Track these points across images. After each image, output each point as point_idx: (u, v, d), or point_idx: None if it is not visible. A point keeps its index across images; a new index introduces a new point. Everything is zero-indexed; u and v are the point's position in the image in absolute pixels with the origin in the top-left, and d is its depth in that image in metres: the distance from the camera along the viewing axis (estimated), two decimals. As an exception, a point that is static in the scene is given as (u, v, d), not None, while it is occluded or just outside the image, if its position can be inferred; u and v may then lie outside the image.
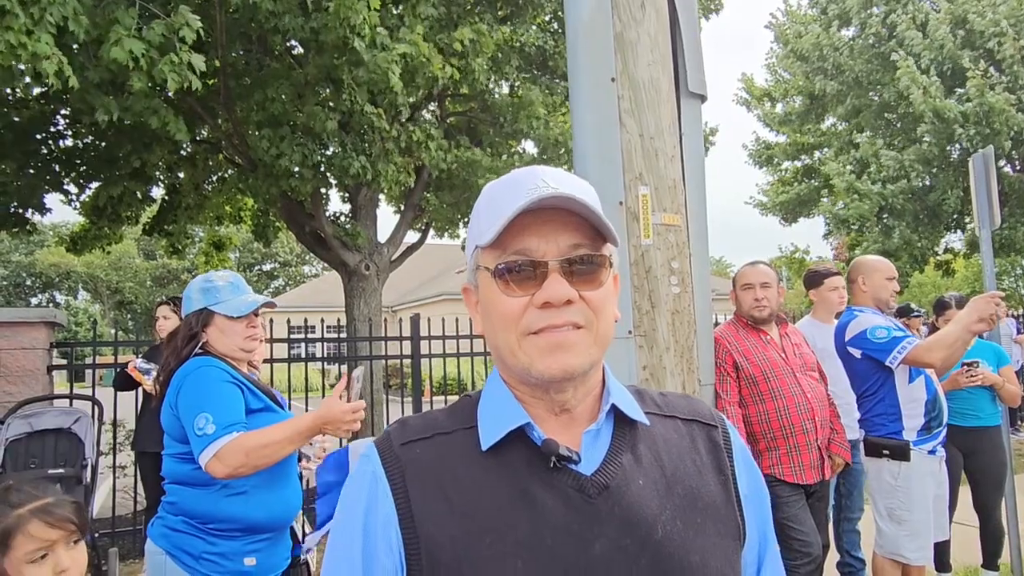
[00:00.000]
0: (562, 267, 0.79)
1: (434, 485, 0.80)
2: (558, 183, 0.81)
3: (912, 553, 3.09)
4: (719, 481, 0.87)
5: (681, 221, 2.99)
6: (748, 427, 3.14)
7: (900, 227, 13.13)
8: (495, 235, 0.78)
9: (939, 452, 3.19)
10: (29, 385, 4.50)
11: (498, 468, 0.80)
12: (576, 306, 0.79)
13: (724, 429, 0.93)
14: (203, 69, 4.34)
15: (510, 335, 0.81)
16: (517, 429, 0.81)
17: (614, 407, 0.85)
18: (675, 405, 0.93)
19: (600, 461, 0.82)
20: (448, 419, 0.87)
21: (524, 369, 0.80)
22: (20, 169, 7.07)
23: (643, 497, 0.80)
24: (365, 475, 0.83)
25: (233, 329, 2.09)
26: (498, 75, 7.55)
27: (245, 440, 1.85)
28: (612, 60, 2.90)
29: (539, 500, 0.78)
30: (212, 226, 10.02)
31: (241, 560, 1.95)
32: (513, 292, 0.80)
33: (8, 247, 43.24)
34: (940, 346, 3.00)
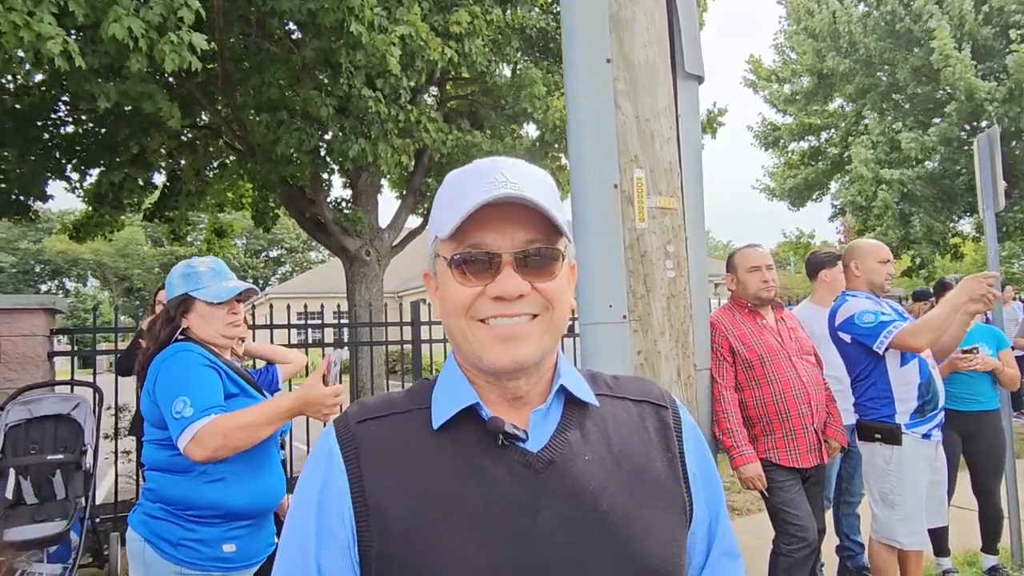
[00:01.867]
0: (515, 260, 0.82)
1: (387, 460, 0.83)
2: (517, 178, 0.83)
3: (905, 538, 3.07)
4: (666, 459, 0.90)
5: (677, 204, 2.95)
6: (744, 411, 3.12)
7: (919, 214, 12.99)
8: (452, 229, 0.81)
9: (934, 436, 3.16)
10: (29, 372, 4.52)
11: (449, 445, 0.84)
12: (529, 298, 0.82)
13: (675, 411, 0.96)
14: (204, 48, 4.30)
15: (461, 320, 0.84)
16: (469, 409, 0.85)
17: (564, 389, 0.88)
18: (627, 387, 0.96)
19: (547, 438, 0.85)
20: (404, 400, 0.90)
21: (476, 356, 0.83)
22: (21, 156, 7.08)
23: (589, 471, 0.84)
24: (322, 451, 0.86)
25: (214, 315, 2.07)
26: (499, 57, 7.48)
27: (222, 422, 1.83)
28: (607, 41, 2.85)
29: (488, 474, 0.81)
30: (214, 212, 10.02)
31: (220, 547, 1.94)
32: (468, 282, 0.83)
33: (17, 235, 43.47)
34: (927, 329, 2.97)
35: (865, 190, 13.09)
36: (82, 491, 4.00)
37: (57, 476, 3.95)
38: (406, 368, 6.35)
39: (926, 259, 13.39)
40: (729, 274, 3.35)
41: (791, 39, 16.14)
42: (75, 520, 3.83)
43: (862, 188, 13.18)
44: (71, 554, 3.85)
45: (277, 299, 27.96)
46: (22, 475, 3.86)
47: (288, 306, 6.45)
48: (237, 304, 2.15)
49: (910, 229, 13.00)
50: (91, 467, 4.14)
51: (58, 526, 3.74)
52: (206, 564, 1.92)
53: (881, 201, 12.71)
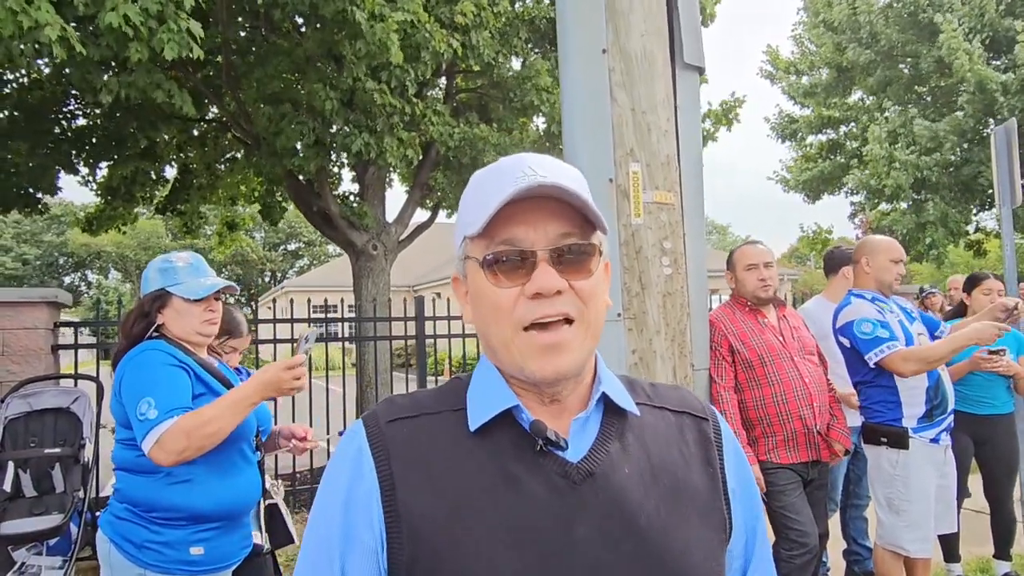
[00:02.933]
0: (551, 257, 0.79)
1: (419, 463, 0.80)
2: (546, 171, 0.80)
3: (911, 544, 2.97)
4: (707, 473, 0.87)
5: (674, 199, 2.87)
6: (744, 413, 3.04)
7: (935, 200, 12.73)
8: (483, 225, 0.78)
9: (943, 440, 3.06)
10: (32, 365, 4.54)
11: (484, 450, 0.81)
12: (566, 296, 0.79)
13: (716, 423, 0.93)
14: (202, 35, 4.27)
15: (504, 328, 0.80)
16: (505, 413, 0.82)
17: (604, 396, 0.85)
18: (665, 396, 0.93)
19: (587, 449, 0.82)
20: (435, 400, 0.87)
21: (516, 366, 0.80)
22: (32, 150, 7.13)
23: (628, 485, 0.81)
24: (350, 450, 0.83)
25: (190, 312, 2.02)
26: (506, 49, 7.39)
27: (185, 422, 1.78)
28: (603, 30, 2.78)
29: (523, 483, 0.78)
30: (226, 206, 10.05)
31: (187, 549, 1.89)
32: (502, 283, 0.79)
33: (40, 227, 44.21)
34: (921, 362, 2.92)
35: (878, 171, 12.81)
36: (80, 484, 4.00)
37: (56, 469, 3.96)
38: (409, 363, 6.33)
39: (937, 242, 13.07)
40: (728, 272, 3.27)
41: (809, 32, 15.86)
42: (73, 513, 3.84)
43: (875, 169, 12.90)
44: (70, 547, 3.86)
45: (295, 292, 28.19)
46: (21, 468, 3.87)
47: (309, 300, 6.44)
48: (215, 302, 2.10)
49: (923, 214, 12.74)
50: (89, 461, 4.15)
51: (56, 519, 3.75)
52: (171, 567, 1.88)
53: (893, 180, 12.44)
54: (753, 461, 2.95)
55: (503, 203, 0.76)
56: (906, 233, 12.95)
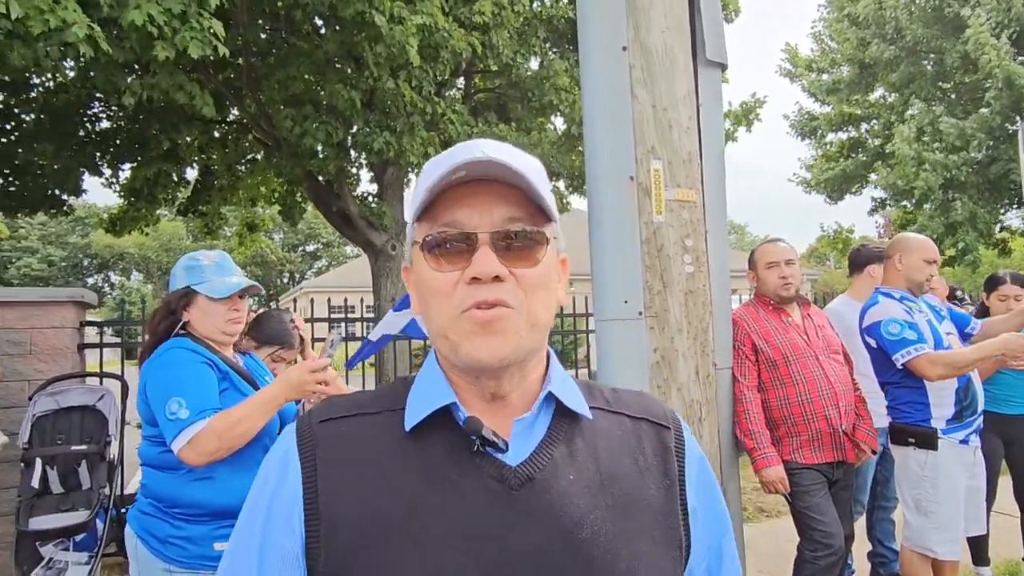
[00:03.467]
0: (493, 240, 0.73)
1: (347, 465, 0.75)
2: (498, 152, 0.74)
3: (940, 547, 2.92)
4: (663, 485, 0.80)
5: (696, 197, 2.85)
6: (768, 412, 3.00)
7: (963, 199, 12.50)
8: (423, 205, 0.74)
9: (972, 442, 3.00)
10: (59, 363, 4.60)
11: (418, 451, 0.75)
12: (507, 284, 0.73)
13: (678, 432, 0.86)
14: (224, 35, 4.32)
15: (443, 314, 0.75)
16: (444, 413, 0.76)
17: (553, 397, 0.79)
18: (625, 402, 0.86)
19: (529, 452, 0.76)
20: (377, 399, 0.82)
21: (453, 350, 0.74)
22: (57, 152, 7.25)
23: (571, 493, 0.74)
24: (279, 451, 0.79)
25: (215, 310, 2.02)
26: (525, 49, 7.39)
27: (217, 423, 1.79)
28: (623, 27, 2.76)
29: (457, 487, 0.73)
30: (246, 207, 10.16)
31: (210, 545, 1.90)
32: (442, 267, 0.75)
33: (66, 229, 44.98)
34: (948, 366, 2.86)
35: (906, 173, 12.59)
36: (106, 481, 4.06)
37: (82, 466, 4.02)
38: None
39: (970, 246, 12.82)
40: (750, 271, 3.23)
41: (831, 27, 15.67)
42: (99, 510, 3.90)
43: (903, 171, 12.68)
44: (96, 543, 3.92)
45: (314, 292, 28.41)
46: (48, 465, 3.93)
47: (329, 300, 6.48)
48: (240, 300, 2.10)
49: (953, 214, 12.51)
50: (115, 458, 4.21)
51: (82, 515, 3.81)
52: (194, 562, 1.89)
53: (923, 182, 12.22)
54: (778, 461, 2.91)
55: (442, 179, 0.72)
56: (936, 236, 12.73)
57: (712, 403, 2.79)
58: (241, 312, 2.10)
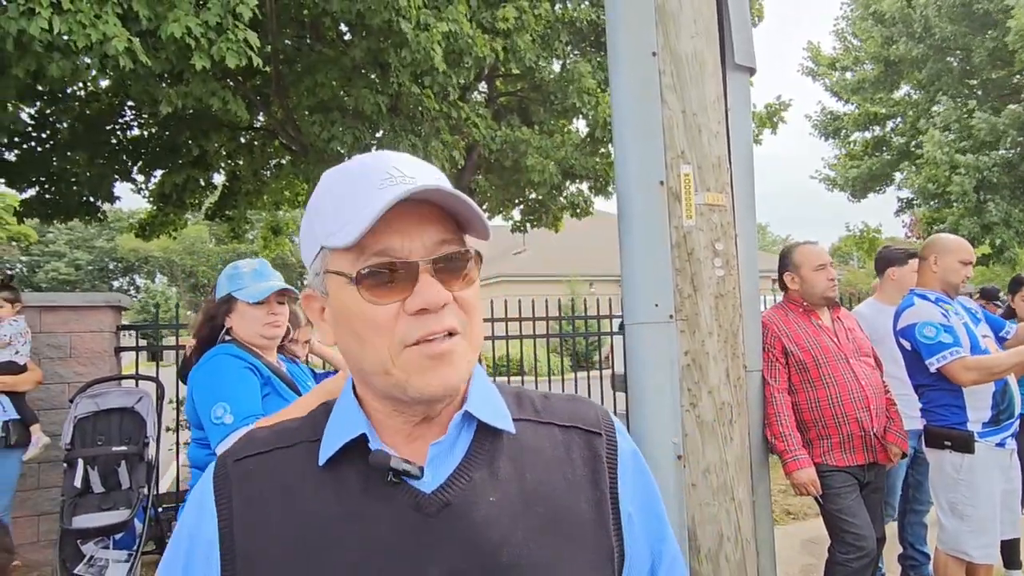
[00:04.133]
0: (433, 267, 0.71)
1: (259, 503, 0.74)
2: (414, 172, 0.73)
3: (976, 551, 2.90)
4: (593, 498, 0.78)
5: (726, 201, 2.86)
6: (798, 415, 3.01)
7: (996, 200, 12.32)
8: (358, 236, 0.68)
9: (1009, 445, 2.98)
10: (97, 366, 4.74)
11: (332, 484, 0.74)
12: (450, 308, 0.72)
13: (610, 437, 0.83)
14: (258, 45, 4.42)
15: (381, 350, 0.71)
16: (360, 443, 0.74)
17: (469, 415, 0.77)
18: (556, 410, 0.84)
19: (446, 476, 0.74)
20: (296, 431, 0.80)
21: (398, 386, 0.72)
22: (91, 160, 7.42)
23: (492, 517, 0.72)
24: (196, 496, 0.78)
25: (253, 315, 2.09)
26: (547, 52, 7.42)
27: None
28: (653, 33, 2.79)
29: (371, 519, 0.71)
30: (271, 211, 10.30)
31: None
32: (380, 300, 0.71)
33: (92, 234, 45.84)
34: (985, 372, 2.85)
35: (938, 176, 12.41)
36: (144, 481, 4.17)
37: (122, 467, 4.13)
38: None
39: (1008, 243, 12.60)
40: (790, 272, 3.18)
41: (855, 25, 15.52)
42: (139, 509, 4.01)
43: (934, 174, 12.50)
44: (135, 541, 4.02)
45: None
46: (90, 465, 4.05)
47: None
48: (278, 305, 2.16)
49: (987, 215, 12.32)
50: (153, 458, 4.32)
51: (123, 515, 3.92)
52: None
53: (958, 186, 12.05)
54: (809, 463, 2.92)
55: (382, 211, 0.67)
56: (970, 236, 12.55)
57: (743, 406, 2.81)
58: (279, 316, 2.15)
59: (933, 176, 12.42)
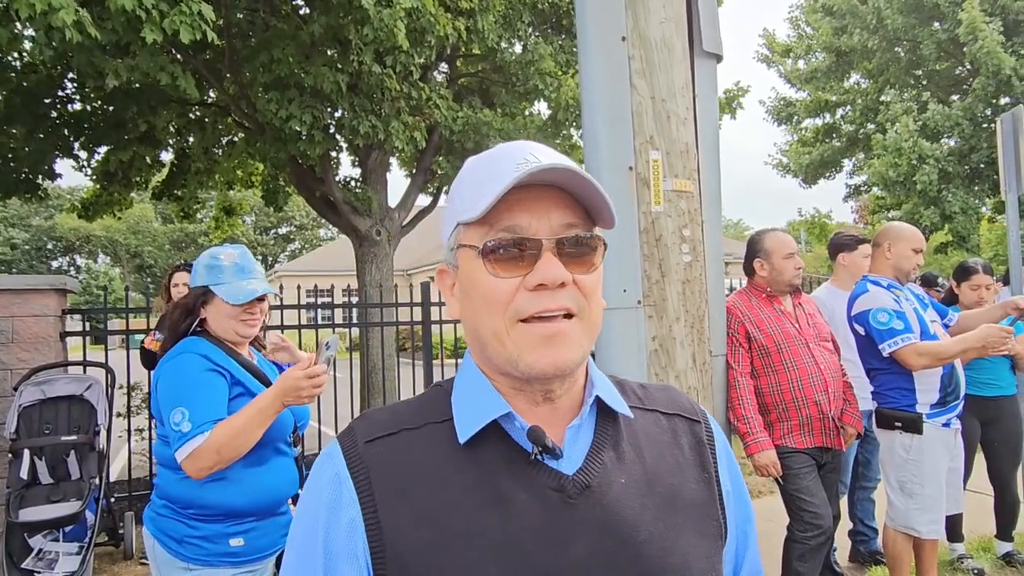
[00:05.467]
0: (556, 247, 0.73)
1: (403, 486, 0.74)
2: (549, 158, 0.75)
3: (923, 527, 3.04)
4: (702, 479, 0.83)
5: (693, 187, 2.89)
6: (760, 398, 3.09)
7: (952, 189, 12.78)
8: (485, 209, 0.71)
9: (954, 424, 3.12)
10: (42, 352, 4.53)
11: (472, 466, 0.75)
12: (568, 290, 0.74)
13: (707, 425, 0.89)
14: (213, 19, 4.24)
15: (497, 321, 0.74)
16: (494, 423, 0.76)
17: (598, 399, 0.80)
18: (656, 398, 0.89)
19: (582, 458, 0.77)
20: (416, 413, 0.81)
21: (510, 360, 0.74)
22: (29, 134, 7.05)
23: (624, 497, 0.76)
24: (327, 475, 0.77)
25: (231, 313, 2.01)
26: (509, 33, 7.34)
27: (216, 437, 1.78)
28: (622, 17, 2.77)
29: (515, 501, 0.73)
30: (223, 191, 9.99)
31: (226, 542, 1.90)
32: (502, 272, 0.73)
33: (28, 211, 43.77)
34: (933, 356, 2.98)
35: (901, 164, 12.72)
36: (96, 471, 4.03)
37: (71, 457, 3.98)
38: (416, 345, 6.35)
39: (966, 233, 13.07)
40: (759, 259, 3.22)
41: (808, 15, 15.82)
42: (90, 500, 3.87)
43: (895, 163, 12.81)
44: (87, 533, 3.89)
45: (287, 277, 28.11)
46: (37, 456, 3.89)
47: (298, 286, 6.43)
48: (256, 303, 2.06)
49: (945, 205, 12.77)
50: (105, 448, 4.17)
51: (73, 506, 3.78)
52: (213, 560, 1.89)
53: (925, 175, 12.40)
54: (770, 446, 2.99)
55: (511, 185, 0.70)
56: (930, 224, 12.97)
57: (708, 389, 2.86)
58: (256, 316, 2.07)
59: (895, 164, 12.75)
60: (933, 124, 12.45)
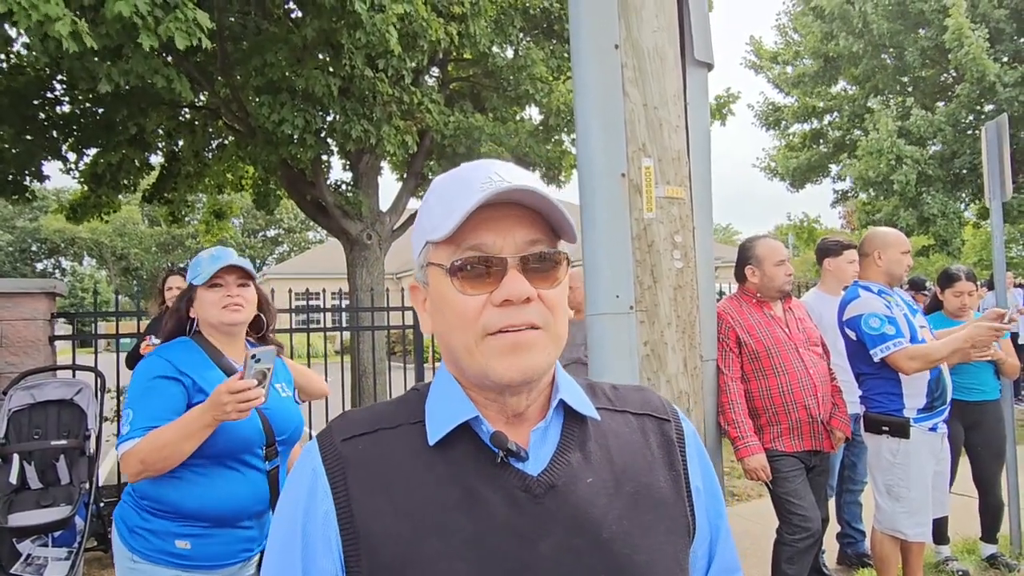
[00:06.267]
0: (521, 264, 0.77)
1: (376, 482, 0.78)
2: (512, 177, 0.78)
3: (910, 529, 3.09)
4: (670, 477, 0.86)
5: (685, 194, 2.92)
6: (750, 402, 3.12)
7: (932, 192, 12.90)
8: (451, 230, 0.75)
9: (940, 429, 3.17)
10: (31, 356, 4.50)
11: (443, 465, 0.78)
12: (534, 305, 0.77)
13: (678, 423, 0.92)
14: (209, 26, 4.24)
15: (467, 336, 0.78)
16: (464, 426, 0.80)
17: (563, 403, 0.84)
18: (627, 399, 0.91)
19: (548, 460, 0.80)
20: (393, 413, 0.84)
21: (480, 371, 0.78)
22: (17, 135, 7.00)
23: (591, 496, 0.79)
24: (305, 471, 0.81)
25: (209, 300, 1.96)
26: (501, 38, 7.38)
27: (142, 446, 1.74)
28: (615, 26, 2.81)
29: (484, 499, 0.76)
30: (213, 194, 9.94)
31: (172, 541, 1.86)
32: (470, 290, 0.77)
33: (12, 212, 43.29)
34: (925, 361, 3.02)
35: (880, 164, 12.83)
36: (86, 476, 4.00)
37: (61, 461, 3.96)
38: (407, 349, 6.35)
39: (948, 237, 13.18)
40: (751, 266, 3.26)
41: (796, 20, 15.96)
42: (80, 505, 3.85)
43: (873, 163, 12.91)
44: (76, 538, 3.87)
45: (275, 280, 27.96)
46: (26, 460, 3.86)
47: (289, 289, 6.40)
48: (238, 287, 1.99)
49: (924, 208, 12.89)
50: (95, 452, 4.15)
51: (63, 511, 3.76)
52: (155, 556, 1.85)
53: (903, 175, 12.51)
54: (760, 450, 3.03)
55: (475, 207, 0.73)
56: (908, 228, 13.09)
57: (698, 394, 2.89)
58: (235, 298, 1.98)
59: (874, 165, 12.85)
60: (916, 129, 12.58)
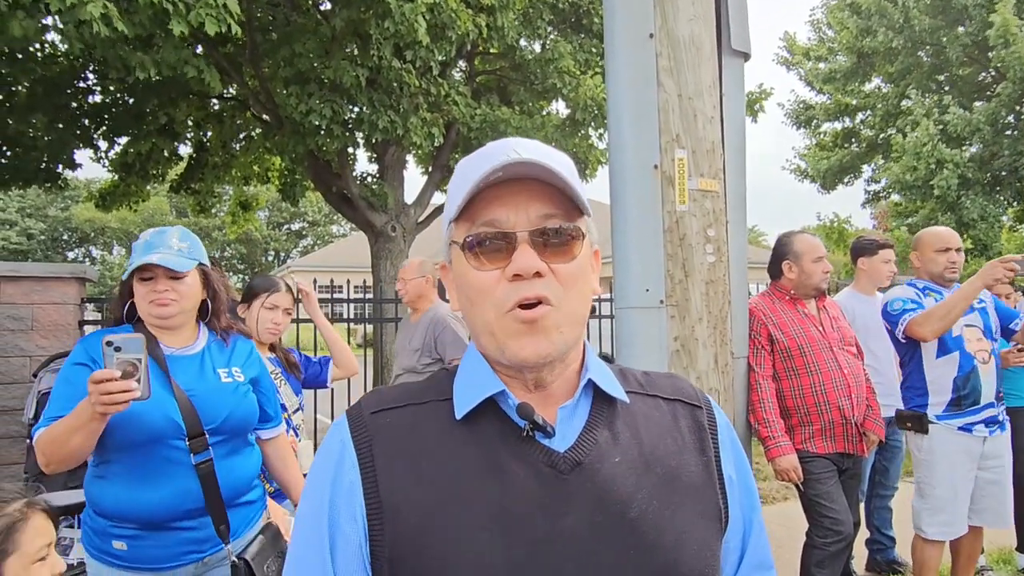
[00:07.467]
0: (532, 238, 0.77)
1: (402, 454, 0.78)
2: (531, 152, 0.78)
3: (930, 528, 3.04)
4: (701, 462, 0.85)
5: (719, 187, 2.86)
6: (781, 401, 3.05)
7: (971, 196, 12.62)
8: (461, 206, 0.77)
9: (978, 431, 3.05)
10: (61, 339, 4.56)
11: (470, 438, 0.79)
12: (546, 279, 0.77)
13: (710, 411, 0.90)
14: (238, 12, 4.26)
15: (487, 312, 0.78)
16: (491, 402, 0.80)
17: (592, 384, 0.83)
18: (658, 384, 0.91)
19: (575, 438, 0.80)
20: (423, 390, 0.85)
21: (499, 349, 0.78)
22: (50, 124, 7.11)
23: (618, 475, 0.79)
24: (334, 444, 0.82)
25: (137, 291, 1.83)
26: (529, 31, 7.33)
27: (40, 437, 1.67)
28: (651, 15, 2.75)
29: (510, 472, 0.76)
30: (240, 185, 10.04)
31: (110, 541, 1.78)
32: (483, 266, 0.78)
33: (45, 202, 44.22)
34: (930, 318, 2.98)
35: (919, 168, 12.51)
36: (112, 459, 4.04)
37: (88, 444, 3.98)
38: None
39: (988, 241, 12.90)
40: (788, 261, 3.18)
41: (831, 15, 15.65)
42: (105, 488, 3.88)
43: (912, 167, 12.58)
44: (101, 521, 3.90)
45: (300, 272, 28.24)
46: (54, 442, 3.90)
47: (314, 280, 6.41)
48: (166, 280, 1.84)
49: (963, 212, 12.62)
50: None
51: (89, 493, 3.79)
52: (96, 553, 1.80)
53: (944, 180, 12.22)
54: (791, 450, 2.96)
55: (480, 181, 0.74)
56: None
57: (729, 391, 2.83)
58: (161, 294, 1.83)
59: (913, 168, 12.52)
60: (953, 129, 12.27)
